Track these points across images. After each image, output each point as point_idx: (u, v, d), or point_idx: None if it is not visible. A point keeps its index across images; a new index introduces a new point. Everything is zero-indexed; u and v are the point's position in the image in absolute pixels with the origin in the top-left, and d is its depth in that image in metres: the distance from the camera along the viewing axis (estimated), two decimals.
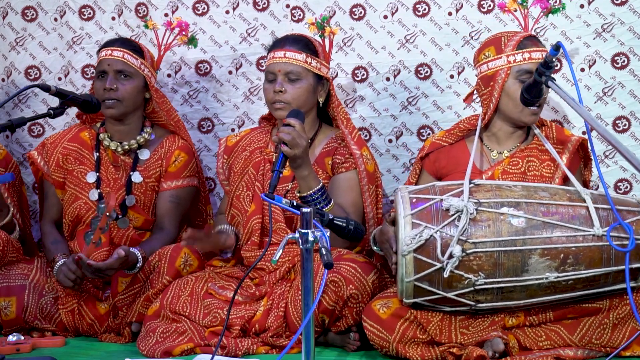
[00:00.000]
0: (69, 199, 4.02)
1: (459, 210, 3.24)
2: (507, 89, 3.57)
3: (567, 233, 3.24)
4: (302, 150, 3.45)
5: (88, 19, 4.44)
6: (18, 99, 4.47)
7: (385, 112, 4.25)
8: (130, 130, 4.06)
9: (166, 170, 4.04)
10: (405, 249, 3.23)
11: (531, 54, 3.55)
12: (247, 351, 3.49)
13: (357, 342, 3.51)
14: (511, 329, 3.34)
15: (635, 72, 4.07)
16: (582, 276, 3.24)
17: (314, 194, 3.57)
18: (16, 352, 3.55)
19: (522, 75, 3.53)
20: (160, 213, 4.01)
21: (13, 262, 3.93)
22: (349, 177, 3.79)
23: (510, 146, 3.70)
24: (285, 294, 3.61)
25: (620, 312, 3.32)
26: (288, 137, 3.40)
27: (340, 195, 3.74)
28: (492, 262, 3.22)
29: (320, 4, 4.24)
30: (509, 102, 3.58)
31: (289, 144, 3.39)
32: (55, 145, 4.08)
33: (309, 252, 2.73)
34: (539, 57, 3.52)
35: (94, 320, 3.82)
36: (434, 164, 3.77)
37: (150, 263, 3.78)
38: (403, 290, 3.27)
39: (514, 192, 3.33)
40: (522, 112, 3.57)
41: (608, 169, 4.08)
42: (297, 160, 3.48)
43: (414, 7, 4.21)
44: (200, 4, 4.36)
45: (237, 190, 3.89)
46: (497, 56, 3.60)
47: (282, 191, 3.79)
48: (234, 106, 4.38)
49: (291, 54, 3.79)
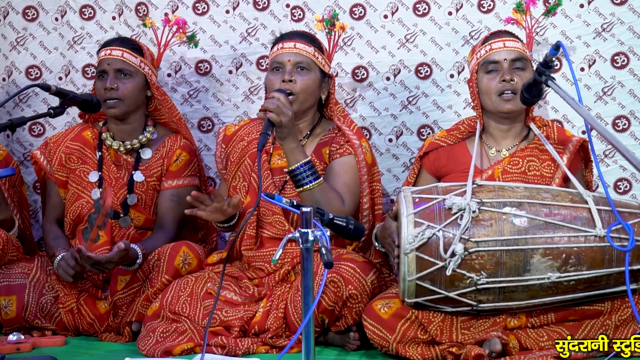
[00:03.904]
0: (71, 198, 4.03)
1: (461, 209, 3.25)
2: (480, 83, 3.69)
3: (569, 233, 3.24)
4: (288, 119, 3.52)
5: (89, 18, 4.44)
6: (19, 99, 4.47)
7: (385, 111, 4.26)
8: (132, 130, 4.07)
9: (167, 169, 4.04)
10: (407, 247, 3.24)
11: (491, 45, 3.68)
12: (247, 351, 3.49)
13: (356, 342, 3.51)
14: (513, 329, 3.34)
15: (634, 72, 4.07)
16: (583, 277, 3.25)
17: (300, 166, 3.58)
18: (16, 352, 3.55)
19: (487, 66, 3.67)
20: (160, 212, 4.01)
21: (13, 261, 3.93)
22: (344, 161, 3.78)
23: (509, 144, 3.71)
24: (285, 295, 3.61)
25: (622, 315, 3.32)
26: (273, 106, 3.50)
27: (333, 177, 3.73)
28: (494, 261, 3.23)
29: (320, 4, 4.25)
30: (484, 96, 3.68)
31: (274, 111, 3.49)
32: (58, 145, 4.08)
33: (309, 251, 2.73)
34: (500, 47, 3.66)
35: (94, 320, 3.82)
36: (434, 163, 3.79)
37: (149, 262, 3.78)
38: (405, 290, 3.28)
39: (516, 192, 3.33)
40: (496, 102, 3.65)
41: (608, 169, 4.09)
42: (283, 129, 3.53)
43: (414, 6, 4.21)
44: (200, 4, 4.36)
45: (234, 181, 3.88)
46: (471, 58, 3.77)
47: (279, 182, 3.79)
48: (234, 106, 4.38)
49: (301, 45, 3.79)
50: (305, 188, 3.58)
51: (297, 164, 3.58)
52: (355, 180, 3.76)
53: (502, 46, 3.66)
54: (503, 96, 3.62)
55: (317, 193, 3.57)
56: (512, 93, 3.60)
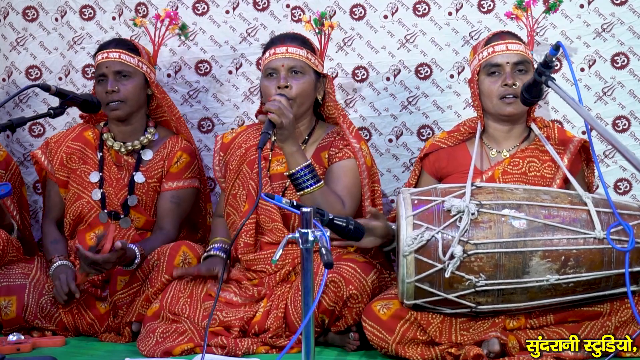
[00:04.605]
0: (72, 198, 4.03)
1: (460, 211, 3.25)
2: (481, 85, 3.67)
3: (568, 235, 3.24)
4: (289, 121, 3.51)
5: (89, 18, 4.44)
6: (19, 99, 4.47)
7: (385, 111, 4.26)
8: (133, 131, 4.07)
9: (168, 170, 4.04)
10: (406, 249, 3.24)
11: (494, 47, 3.66)
12: (247, 351, 3.49)
13: (356, 342, 3.51)
14: (512, 330, 3.34)
15: (635, 72, 4.07)
16: (582, 279, 3.25)
17: (301, 170, 3.57)
18: (16, 352, 3.55)
19: (489, 69, 3.65)
20: (160, 213, 4.01)
21: (13, 262, 3.93)
22: (343, 165, 3.77)
23: (509, 146, 3.71)
24: (285, 295, 3.61)
25: (622, 316, 3.32)
26: (275, 107, 3.49)
27: (333, 181, 3.73)
28: (493, 263, 3.23)
29: (320, 4, 4.24)
30: (485, 99, 3.67)
31: (276, 112, 3.48)
32: (59, 144, 4.08)
33: (309, 251, 2.73)
34: (503, 50, 3.65)
35: (94, 320, 3.82)
36: (434, 165, 3.78)
37: (149, 262, 3.78)
38: (404, 292, 3.28)
39: (515, 194, 3.33)
40: (497, 105, 3.64)
41: (608, 169, 4.09)
42: (284, 131, 3.52)
43: (414, 7, 4.21)
44: (200, 4, 4.36)
45: (233, 189, 3.88)
46: (473, 58, 3.75)
47: (279, 188, 3.79)
48: (234, 106, 4.38)
49: (293, 49, 3.78)
50: (306, 192, 3.57)
51: (298, 167, 3.57)
52: (355, 183, 3.76)
53: (504, 49, 3.65)
54: (504, 99, 3.62)
55: (317, 196, 3.57)
56: (514, 97, 3.60)
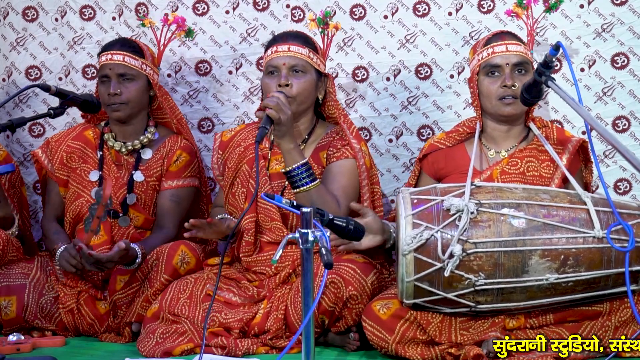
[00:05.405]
0: (72, 196, 4.03)
1: (459, 210, 3.25)
2: (480, 85, 3.68)
3: (567, 235, 3.24)
4: (287, 118, 3.52)
5: (89, 19, 4.44)
6: (18, 99, 4.47)
7: (385, 111, 4.26)
8: (134, 131, 4.07)
9: (167, 169, 4.04)
10: (405, 248, 3.24)
11: (494, 48, 3.66)
12: (247, 351, 3.48)
13: (356, 342, 3.51)
14: (512, 330, 3.34)
15: (635, 72, 4.07)
16: (582, 278, 3.24)
17: (297, 167, 3.57)
18: (16, 352, 3.55)
19: (489, 70, 3.65)
20: (160, 212, 4.01)
21: (13, 262, 3.93)
22: (341, 164, 3.77)
23: (508, 146, 3.71)
24: (285, 296, 3.60)
25: (622, 315, 3.32)
26: (273, 103, 3.50)
27: (330, 180, 3.72)
28: (492, 262, 3.23)
29: (320, 4, 4.24)
30: (484, 99, 3.67)
31: (274, 108, 3.49)
32: (60, 144, 4.09)
33: (309, 252, 2.73)
34: (503, 51, 3.65)
35: (94, 320, 3.82)
36: (433, 166, 3.79)
37: (148, 262, 3.78)
38: (403, 291, 3.28)
39: (514, 193, 3.33)
40: (496, 106, 3.64)
41: (608, 169, 4.08)
42: (281, 127, 3.52)
43: (414, 7, 4.21)
44: (200, 4, 4.36)
45: (232, 187, 3.88)
46: (472, 58, 3.75)
47: (278, 187, 3.79)
48: (234, 106, 4.38)
49: (295, 47, 3.78)
50: (301, 189, 3.57)
51: (295, 164, 3.57)
52: (352, 183, 3.75)
53: (504, 50, 3.64)
54: (503, 100, 3.62)
55: (313, 195, 3.57)
56: (513, 98, 3.60)
